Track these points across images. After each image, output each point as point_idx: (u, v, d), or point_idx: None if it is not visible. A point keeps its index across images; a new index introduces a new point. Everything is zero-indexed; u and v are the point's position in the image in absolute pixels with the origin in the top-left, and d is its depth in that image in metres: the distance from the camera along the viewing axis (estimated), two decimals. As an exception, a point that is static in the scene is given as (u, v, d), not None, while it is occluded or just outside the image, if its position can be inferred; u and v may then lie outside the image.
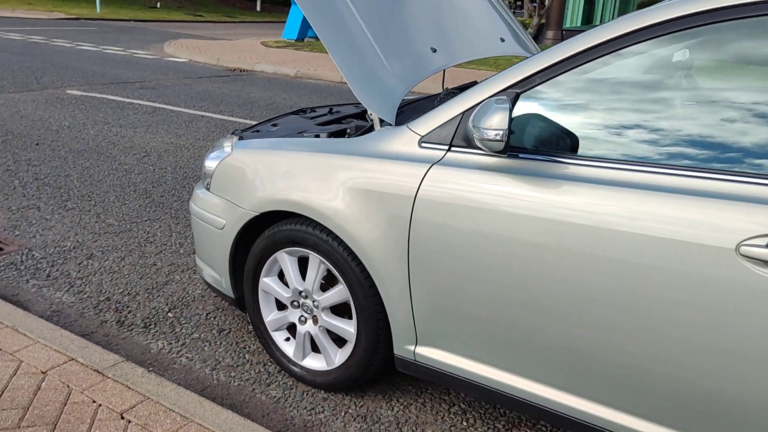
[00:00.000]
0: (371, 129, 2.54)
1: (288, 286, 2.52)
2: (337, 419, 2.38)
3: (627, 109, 1.86)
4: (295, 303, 2.52)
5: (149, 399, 2.25)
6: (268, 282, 2.57)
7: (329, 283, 2.43)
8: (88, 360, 2.45)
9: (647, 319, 1.72)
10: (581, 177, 1.83)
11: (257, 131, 2.89)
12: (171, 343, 2.81)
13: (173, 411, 2.19)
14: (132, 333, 2.87)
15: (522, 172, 1.92)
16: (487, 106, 1.86)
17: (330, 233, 2.30)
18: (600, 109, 1.90)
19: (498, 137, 1.82)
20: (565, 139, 1.93)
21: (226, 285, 2.72)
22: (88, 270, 3.43)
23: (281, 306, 2.62)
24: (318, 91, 9.77)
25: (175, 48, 14.18)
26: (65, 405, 2.20)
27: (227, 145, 2.72)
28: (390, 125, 2.29)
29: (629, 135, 1.84)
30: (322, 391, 2.54)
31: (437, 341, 2.19)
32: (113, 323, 2.94)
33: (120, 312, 3.04)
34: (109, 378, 2.35)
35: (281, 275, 2.57)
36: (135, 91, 8.73)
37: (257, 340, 2.85)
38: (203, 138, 6.30)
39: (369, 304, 2.28)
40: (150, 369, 2.55)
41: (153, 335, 2.86)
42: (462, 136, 2.05)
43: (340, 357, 2.46)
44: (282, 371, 2.65)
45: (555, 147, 1.93)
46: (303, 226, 2.37)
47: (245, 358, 2.73)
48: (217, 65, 12.51)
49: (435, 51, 2.62)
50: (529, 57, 2.02)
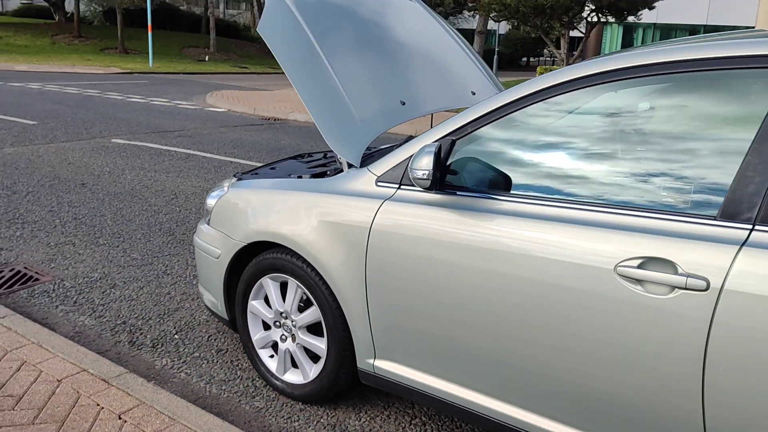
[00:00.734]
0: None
1: (271, 308, 2.86)
2: (310, 427, 2.68)
3: (541, 153, 2.18)
4: (278, 323, 2.86)
5: (144, 404, 2.60)
6: (255, 305, 2.92)
7: (306, 305, 2.77)
8: (97, 371, 2.82)
9: (551, 331, 2.01)
10: (505, 210, 2.14)
11: (256, 173, 3.27)
12: (174, 361, 3.16)
13: (163, 413, 2.53)
14: (141, 351, 3.24)
15: (457, 206, 2.25)
16: (421, 151, 2.21)
17: (304, 261, 2.65)
18: (519, 153, 2.22)
19: (425, 176, 2.16)
20: (497, 178, 2.25)
21: (221, 308, 3.08)
22: (109, 297, 3.83)
23: (267, 326, 2.96)
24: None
25: (216, 99, 14.95)
26: (73, 407, 2.56)
27: (226, 185, 3.11)
28: (355, 167, 2.65)
29: (542, 175, 2.15)
30: (299, 403, 2.85)
31: (392, 355, 2.49)
32: (126, 343, 3.32)
33: (133, 334, 3.41)
34: (113, 386, 2.71)
35: (266, 299, 2.92)
36: (173, 139, 9.34)
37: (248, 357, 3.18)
38: (230, 182, 6.75)
39: (336, 323, 2.60)
40: (150, 380, 2.90)
41: (159, 353, 3.23)
42: (408, 176, 2.39)
43: (314, 371, 2.77)
44: (266, 385, 2.97)
45: (488, 185, 2.25)
46: (283, 254, 2.72)
47: (237, 374, 3.07)
48: (254, 114, 13.17)
49: (404, 104, 2.98)
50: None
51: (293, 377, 2.86)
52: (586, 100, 2.13)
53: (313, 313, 2.70)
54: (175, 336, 3.41)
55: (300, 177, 2.93)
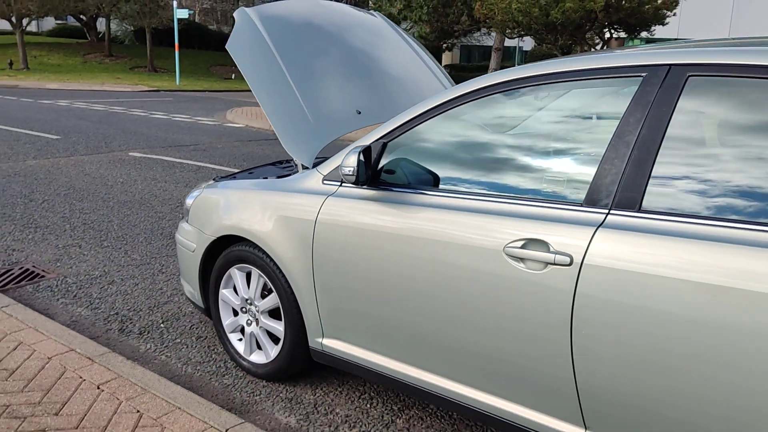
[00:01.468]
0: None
1: (238, 295, 3.20)
2: (269, 400, 3.00)
3: (451, 152, 2.50)
4: (244, 309, 3.20)
5: (121, 377, 2.94)
6: (225, 293, 3.26)
7: (267, 292, 3.10)
8: (84, 351, 3.18)
9: (457, 306, 2.31)
10: (423, 202, 2.46)
11: (234, 177, 3.63)
12: (157, 345, 3.52)
13: (136, 385, 2.88)
14: (128, 338, 3.60)
15: (386, 200, 2.57)
16: (350, 151, 2.54)
17: (264, 252, 2.98)
18: (436, 152, 2.54)
19: (350, 173, 2.49)
20: (420, 175, 2.56)
21: (197, 297, 3.43)
22: (106, 292, 4.21)
23: (235, 312, 3.29)
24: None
25: (236, 115, 15.47)
26: (59, 379, 2.92)
27: (203, 186, 3.47)
28: (308, 169, 2.99)
29: (453, 171, 2.47)
30: (263, 381, 3.17)
31: (338, 334, 2.81)
32: (116, 331, 3.68)
33: (123, 323, 3.78)
34: (96, 363, 3.07)
35: (235, 287, 3.25)
36: (188, 153, 9.79)
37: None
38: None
39: (291, 307, 2.93)
40: (129, 359, 3.25)
41: (144, 339, 3.58)
42: (347, 174, 2.71)
43: (274, 351, 3.10)
44: (236, 366, 3.30)
45: (414, 182, 2.56)
46: (247, 247, 3.06)
47: (211, 357, 3.41)
48: (269, 130, 13.62)
49: (360, 113, 3.32)
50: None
51: (258, 357, 3.19)
52: (488, 107, 2.45)
53: (273, 299, 3.03)
54: (161, 325, 3.76)
55: (266, 179, 3.27)
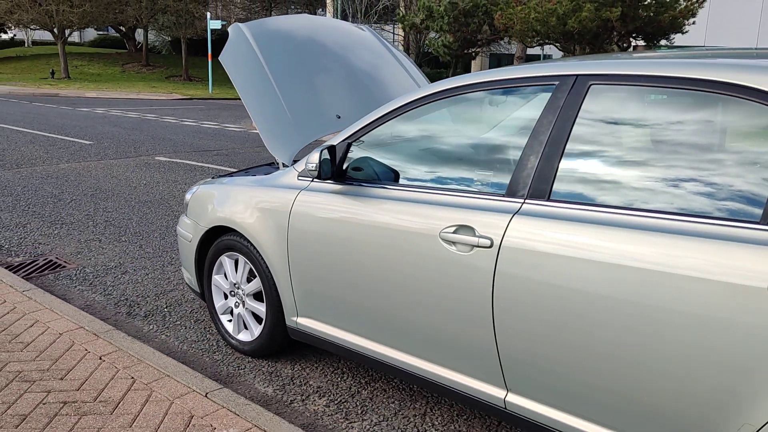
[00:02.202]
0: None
1: (228, 280, 3.56)
2: (251, 373, 3.36)
3: (405, 149, 2.83)
4: (232, 293, 3.56)
5: (121, 350, 3.33)
6: (217, 278, 3.63)
7: (252, 277, 3.45)
8: (91, 328, 3.57)
9: (403, 287, 2.64)
10: (378, 195, 2.79)
11: (231, 175, 4.00)
12: (158, 327, 3.90)
13: (133, 356, 3.26)
14: (134, 320, 4.00)
15: (349, 193, 2.91)
16: (315, 150, 2.89)
17: (248, 241, 3.34)
18: (391, 149, 2.87)
19: (314, 168, 2.85)
20: (381, 172, 2.90)
21: (194, 282, 3.81)
22: (119, 281, 4.63)
23: (226, 296, 3.66)
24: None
25: (262, 122, 15.97)
26: (67, 351, 3.32)
27: (201, 183, 3.85)
28: (287, 166, 3.34)
29: (406, 167, 2.80)
30: (249, 357, 3.53)
31: (310, 313, 3.15)
32: (124, 314, 4.08)
33: (131, 307, 4.18)
34: (101, 338, 3.46)
35: (225, 273, 3.62)
36: (210, 157, 10.27)
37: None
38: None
39: (271, 290, 3.28)
40: (130, 335, 3.64)
41: (148, 321, 3.97)
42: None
43: (257, 330, 3.45)
44: (226, 344, 3.67)
45: (374, 177, 2.90)
46: (235, 237, 3.43)
47: (206, 337, 3.78)
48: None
49: (339, 117, 3.67)
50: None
51: (244, 336, 3.55)
52: (434, 110, 2.78)
53: (256, 284, 3.39)
54: (165, 309, 4.16)
55: (255, 176, 3.64)
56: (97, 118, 16.33)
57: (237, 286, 3.51)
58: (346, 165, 2.98)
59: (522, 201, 2.35)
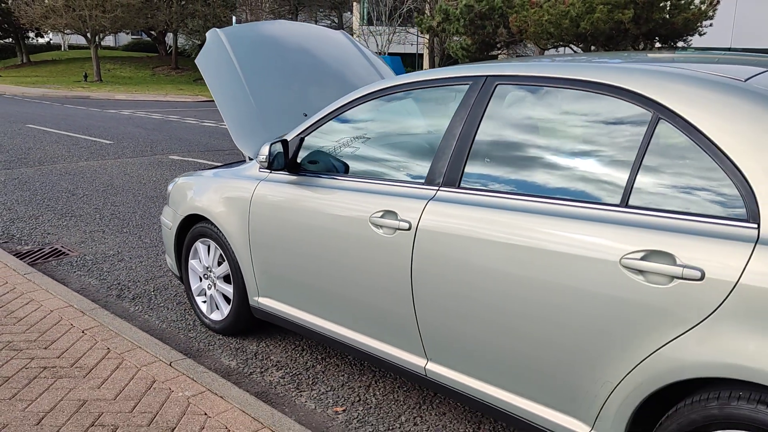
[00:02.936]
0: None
1: (202, 264, 3.88)
2: (219, 349, 3.67)
3: (346, 143, 3.12)
4: (206, 276, 3.88)
5: (102, 325, 3.67)
6: (193, 263, 3.96)
7: (222, 261, 3.77)
8: (79, 306, 3.92)
9: (340, 267, 2.93)
10: (323, 185, 3.09)
11: (212, 169, 4.32)
12: (143, 308, 4.24)
13: (112, 331, 3.59)
14: (122, 301, 4.34)
15: (301, 183, 3.20)
16: (265, 144, 3.19)
17: (218, 228, 3.66)
18: (334, 143, 3.17)
19: (263, 159, 3.15)
20: (334, 163, 3.19)
21: (174, 267, 4.14)
22: (115, 267, 4.99)
23: (201, 279, 3.98)
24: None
25: (279, 123, 16.36)
26: (54, 325, 3.66)
27: (182, 176, 4.18)
28: (252, 159, 3.65)
29: (346, 159, 3.09)
30: (220, 335, 3.84)
31: (270, 293, 3.46)
32: (114, 296, 4.43)
33: (121, 290, 4.53)
34: (86, 315, 3.81)
35: (200, 258, 3.94)
36: (222, 157, 10.66)
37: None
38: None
39: (237, 272, 3.59)
40: (113, 313, 3.98)
41: (135, 303, 4.32)
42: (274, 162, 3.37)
43: (226, 310, 3.77)
44: (201, 324, 3.99)
45: (324, 169, 3.19)
46: (207, 224, 3.75)
47: (184, 317, 4.11)
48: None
49: (306, 116, 3.97)
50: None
51: (216, 316, 3.87)
52: (369, 109, 3.06)
53: (225, 267, 3.70)
54: (152, 293, 4.50)
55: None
56: (122, 119, 16.89)
57: (209, 269, 3.83)
58: (301, 158, 3.28)
59: (437, 189, 2.63)
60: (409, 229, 2.63)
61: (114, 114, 18.34)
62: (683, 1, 14.92)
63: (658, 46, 16.47)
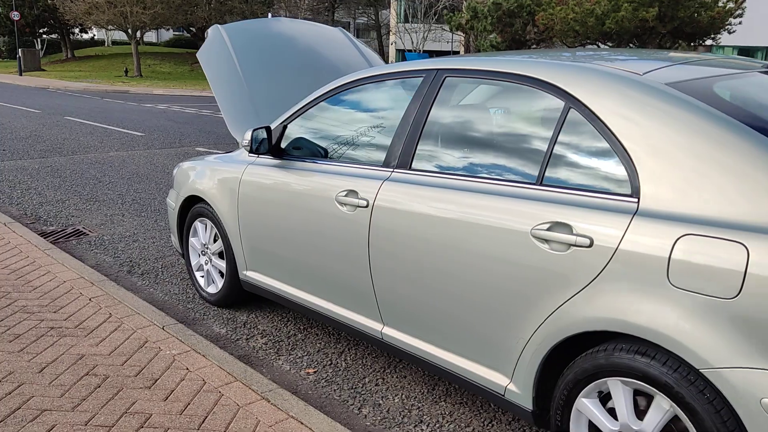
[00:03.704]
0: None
1: (200, 241, 4.25)
2: (212, 318, 4.03)
3: (322, 129, 3.44)
4: (203, 252, 4.25)
5: (108, 294, 4.06)
6: (193, 241, 4.32)
7: (216, 239, 4.12)
8: (89, 278, 4.33)
9: (312, 240, 3.25)
10: (303, 168, 3.41)
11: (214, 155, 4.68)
12: (150, 282, 4.63)
13: (116, 299, 3.98)
14: (132, 276, 4.74)
15: (283, 167, 3.53)
16: (248, 130, 3.53)
17: (212, 208, 4.02)
18: (312, 130, 3.49)
19: (245, 144, 3.49)
20: (311, 148, 3.52)
21: (177, 244, 4.52)
22: (129, 247, 5.40)
23: (199, 255, 4.34)
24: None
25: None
26: (65, 293, 4.06)
27: (188, 160, 4.55)
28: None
29: (323, 143, 3.41)
30: (215, 307, 4.20)
31: (256, 267, 3.80)
32: (125, 272, 4.83)
33: (132, 267, 4.93)
34: (95, 285, 4.20)
35: (198, 236, 4.30)
36: (245, 149, 11.08)
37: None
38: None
39: (229, 249, 3.94)
40: (119, 285, 4.37)
41: (143, 278, 4.71)
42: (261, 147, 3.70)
43: (220, 284, 4.12)
44: (199, 297, 4.36)
45: (308, 153, 3.51)
46: (204, 204, 4.11)
47: (186, 291, 4.48)
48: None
49: (298, 106, 4.29)
50: None
51: (211, 289, 4.23)
52: (341, 99, 3.38)
53: (219, 244, 4.05)
54: (160, 269, 4.89)
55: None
56: (157, 113, 17.49)
57: (206, 246, 4.19)
58: (286, 144, 3.61)
59: (392, 170, 2.93)
60: (367, 207, 2.93)
61: (150, 108, 18.97)
62: (709, 0, 14.87)
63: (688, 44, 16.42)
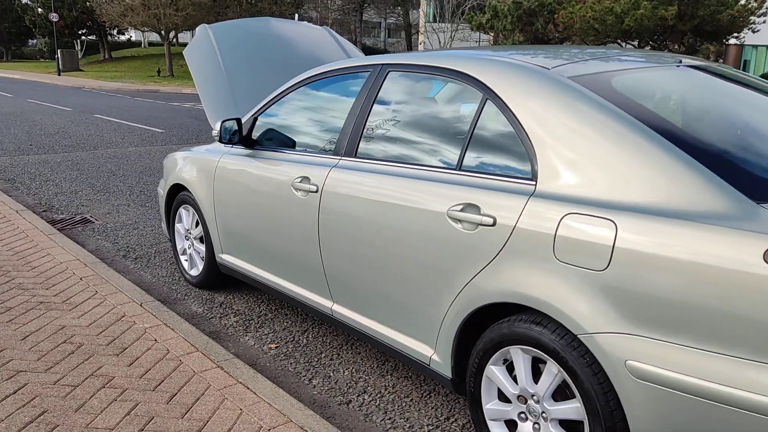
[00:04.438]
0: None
1: (184, 227, 4.52)
2: (192, 299, 4.29)
3: (284, 121, 3.68)
4: (186, 237, 4.52)
5: (98, 275, 4.35)
6: (178, 226, 4.60)
7: (198, 224, 4.39)
8: (84, 260, 4.63)
9: (273, 224, 3.49)
10: (268, 157, 3.65)
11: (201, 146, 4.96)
12: (141, 266, 4.92)
13: (104, 278, 4.27)
14: (126, 260, 5.04)
15: (253, 156, 3.78)
16: (219, 122, 3.78)
17: (193, 195, 4.28)
18: (280, 121, 3.73)
19: (215, 134, 3.74)
20: (277, 138, 3.76)
21: (166, 230, 4.80)
22: (129, 234, 5.71)
23: (183, 240, 4.61)
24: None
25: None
26: (59, 273, 4.37)
27: (177, 151, 4.83)
28: (224, 136, 4.26)
29: (287, 133, 3.65)
30: (196, 288, 4.47)
31: (230, 250, 4.05)
32: (121, 256, 5.14)
33: (128, 252, 5.23)
34: (88, 266, 4.50)
35: (183, 222, 4.57)
36: (259, 145, 11.40)
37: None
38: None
39: (207, 233, 4.21)
40: (111, 268, 4.66)
41: (135, 262, 5.00)
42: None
43: (201, 266, 4.39)
44: (184, 279, 4.63)
45: (275, 143, 3.75)
46: (187, 192, 4.38)
47: (172, 273, 4.76)
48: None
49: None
50: None
51: (194, 272, 4.50)
52: (302, 93, 3.61)
53: (200, 229, 4.32)
54: (152, 255, 5.18)
55: (211, 146, 4.57)
56: (181, 111, 17.96)
57: (189, 231, 4.46)
58: (258, 134, 3.85)
59: (340, 158, 3.15)
60: (317, 192, 3.16)
61: (176, 107, 19.46)
62: (729, -1, 14.78)
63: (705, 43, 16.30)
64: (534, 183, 2.31)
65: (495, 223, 2.35)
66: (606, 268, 2.04)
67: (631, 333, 1.97)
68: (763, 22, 16.11)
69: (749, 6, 14.96)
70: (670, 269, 1.88)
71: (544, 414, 2.30)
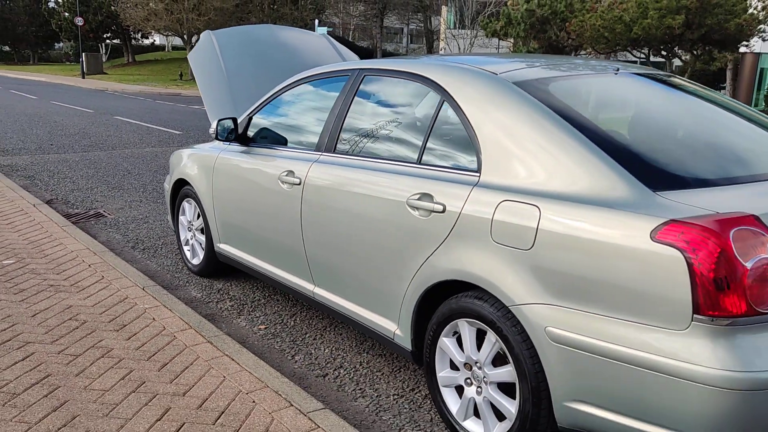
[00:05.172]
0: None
1: (186, 219, 4.86)
2: (192, 285, 4.63)
3: (281, 118, 4.00)
4: (189, 228, 4.86)
5: (106, 263, 4.70)
6: (182, 219, 4.94)
7: (199, 216, 4.72)
8: (94, 249, 4.99)
9: (263, 214, 3.81)
10: (261, 153, 3.97)
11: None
12: (148, 256, 5.27)
13: (111, 265, 4.62)
14: (135, 251, 5.39)
15: (248, 152, 4.11)
16: (216, 121, 4.11)
17: (194, 189, 4.62)
18: (272, 120, 4.05)
19: (212, 132, 4.08)
20: (269, 136, 4.08)
21: (172, 223, 5.14)
22: (139, 227, 6.07)
23: (186, 231, 4.95)
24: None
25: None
26: (70, 260, 4.73)
27: (183, 148, 5.17)
28: (223, 135, 4.59)
29: (278, 131, 3.97)
30: (197, 276, 4.80)
31: (227, 240, 4.38)
32: (130, 248, 5.49)
33: (137, 243, 5.58)
34: (97, 255, 4.86)
35: (186, 214, 4.91)
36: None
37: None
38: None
39: (207, 224, 4.54)
40: (118, 256, 5.01)
41: (143, 252, 5.35)
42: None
43: (202, 255, 4.72)
44: (186, 268, 4.97)
45: (273, 141, 4.08)
46: (189, 186, 4.72)
47: (176, 263, 5.10)
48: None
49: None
50: None
51: (195, 261, 4.83)
52: (292, 95, 3.93)
53: (201, 221, 4.66)
54: (160, 246, 5.53)
55: (212, 144, 4.91)
56: (201, 114, 18.42)
57: (191, 223, 4.80)
58: (253, 132, 4.18)
59: (321, 153, 3.47)
60: (300, 184, 3.48)
61: (195, 110, 19.94)
62: (736, 7, 14.89)
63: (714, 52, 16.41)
64: (478, 174, 2.60)
65: (444, 210, 2.65)
66: (531, 247, 2.32)
67: (550, 303, 2.26)
68: (772, 30, 16.20)
69: (757, 15, 15.07)
70: (578, 248, 2.17)
71: (485, 378, 2.58)
